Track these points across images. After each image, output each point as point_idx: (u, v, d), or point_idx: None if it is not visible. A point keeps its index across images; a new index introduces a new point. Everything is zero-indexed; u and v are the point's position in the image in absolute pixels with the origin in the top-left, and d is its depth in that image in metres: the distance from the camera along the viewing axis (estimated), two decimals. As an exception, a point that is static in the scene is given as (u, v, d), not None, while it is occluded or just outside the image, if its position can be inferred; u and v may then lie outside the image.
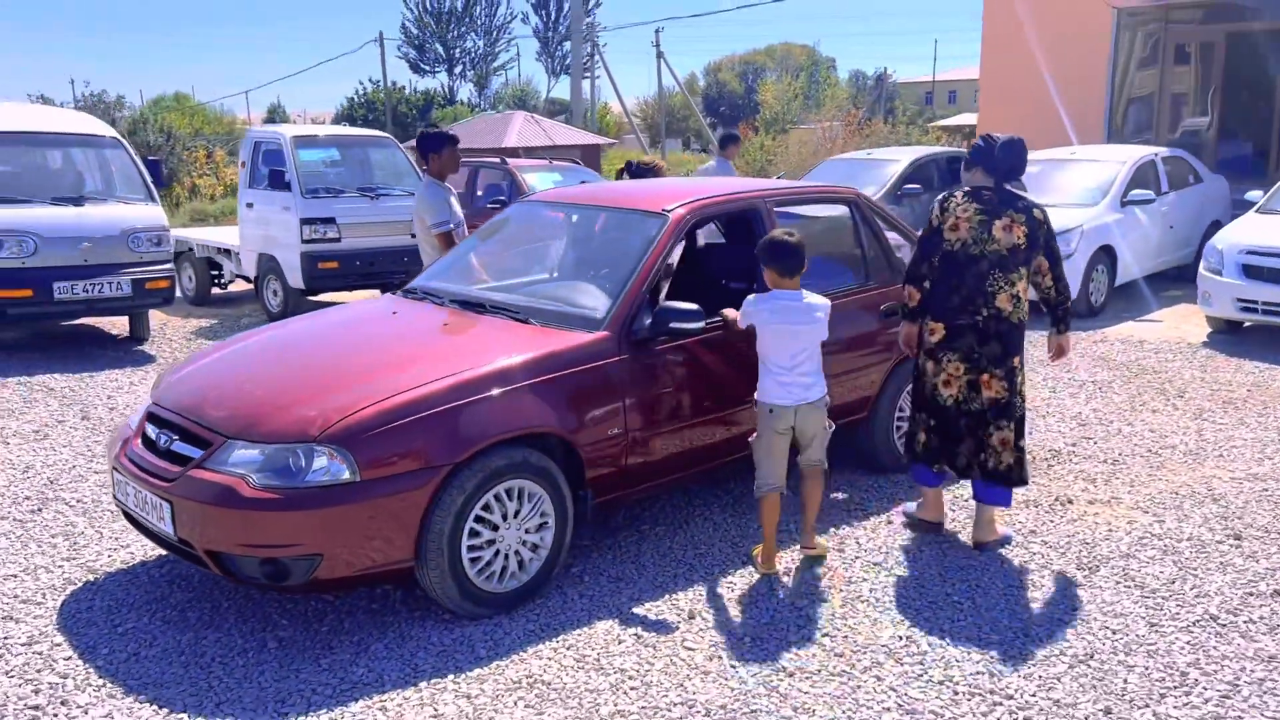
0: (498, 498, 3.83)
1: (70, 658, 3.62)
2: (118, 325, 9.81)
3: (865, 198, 5.53)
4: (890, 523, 4.86)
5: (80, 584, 4.22)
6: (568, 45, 51.67)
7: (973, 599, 4.08)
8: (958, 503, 5.02)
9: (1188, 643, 3.73)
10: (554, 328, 4.29)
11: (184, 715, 3.26)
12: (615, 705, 3.33)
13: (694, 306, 4.27)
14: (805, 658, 3.63)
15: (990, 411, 4.41)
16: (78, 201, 8.65)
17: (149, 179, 9.13)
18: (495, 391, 3.83)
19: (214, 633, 3.80)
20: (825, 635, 3.79)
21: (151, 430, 4.00)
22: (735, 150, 10.24)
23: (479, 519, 3.79)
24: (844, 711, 3.29)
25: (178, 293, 12.21)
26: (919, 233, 4.69)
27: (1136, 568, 4.36)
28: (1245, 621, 3.89)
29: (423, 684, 3.44)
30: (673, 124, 63.75)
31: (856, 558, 4.46)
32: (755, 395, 4.32)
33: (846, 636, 3.78)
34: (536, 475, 3.92)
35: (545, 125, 26.42)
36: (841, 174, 14.18)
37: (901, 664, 3.59)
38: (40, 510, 5.03)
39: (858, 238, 5.39)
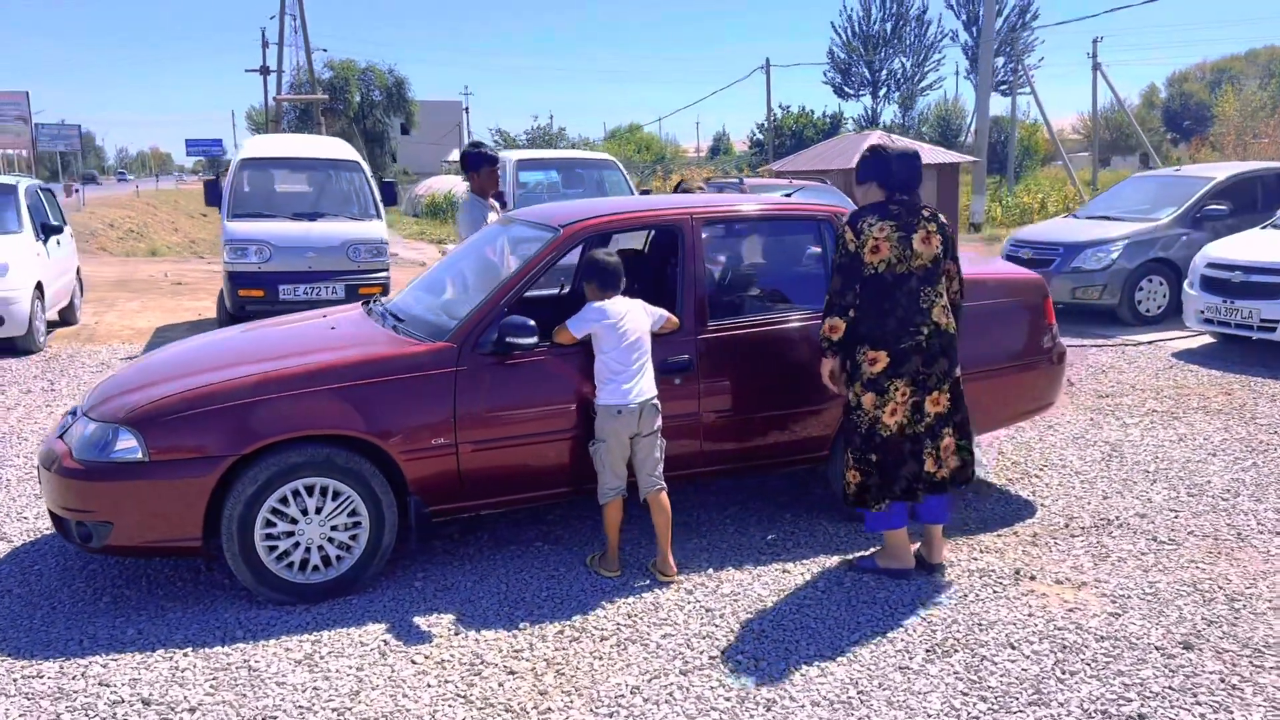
0: (297, 493, 4.05)
1: (-35, 587, 4.37)
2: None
3: (849, 218, 5.01)
4: (787, 573, 4.39)
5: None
6: (999, 62, 49.35)
7: (755, 662, 3.62)
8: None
9: (942, 755, 3.07)
10: (413, 336, 4.42)
11: (-30, 647, 3.84)
12: (280, 700, 3.41)
13: (530, 322, 4.20)
14: (509, 690, 3.47)
15: (936, 426, 4.25)
16: (312, 217, 10.04)
17: (378, 198, 10.36)
18: (296, 391, 4.04)
19: (81, 583, 4.37)
20: (559, 671, 3.58)
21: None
22: None
23: (277, 511, 4.03)
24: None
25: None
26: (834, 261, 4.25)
27: (1001, 660, 3.61)
28: (1052, 745, 3.11)
29: (160, 651, 3.74)
30: (1120, 140, 58.45)
31: (696, 604, 4.10)
32: (598, 401, 4.26)
33: (571, 677, 3.54)
34: (343, 475, 4.08)
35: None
36: (1144, 192, 12.57)
37: (595, 714, 3.31)
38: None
39: (824, 261, 4.92)
